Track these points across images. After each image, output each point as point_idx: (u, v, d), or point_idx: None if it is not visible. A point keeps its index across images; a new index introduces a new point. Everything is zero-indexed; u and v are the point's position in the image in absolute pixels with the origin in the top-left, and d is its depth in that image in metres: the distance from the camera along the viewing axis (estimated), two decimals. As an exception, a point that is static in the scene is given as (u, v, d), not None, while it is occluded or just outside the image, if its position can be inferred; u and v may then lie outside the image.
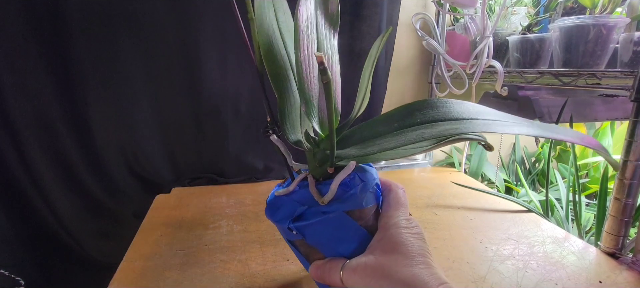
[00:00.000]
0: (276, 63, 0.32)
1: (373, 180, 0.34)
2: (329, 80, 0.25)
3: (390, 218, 0.33)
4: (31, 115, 0.74)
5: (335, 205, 0.32)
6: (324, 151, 0.33)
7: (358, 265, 0.31)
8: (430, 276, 0.28)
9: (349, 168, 0.32)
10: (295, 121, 0.34)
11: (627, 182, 0.53)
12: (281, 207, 0.34)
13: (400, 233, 0.31)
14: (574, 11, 0.77)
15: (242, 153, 0.89)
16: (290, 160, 0.38)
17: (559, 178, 0.92)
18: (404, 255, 0.29)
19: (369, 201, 0.33)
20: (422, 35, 0.86)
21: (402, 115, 0.30)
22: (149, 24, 0.75)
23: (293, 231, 0.33)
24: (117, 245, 0.64)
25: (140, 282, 0.50)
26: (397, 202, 0.34)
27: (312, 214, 0.32)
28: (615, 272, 0.52)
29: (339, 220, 0.32)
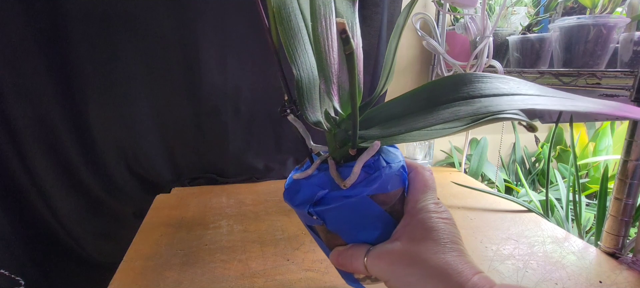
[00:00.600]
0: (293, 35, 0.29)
1: (399, 162, 0.32)
2: (352, 50, 0.23)
3: (418, 202, 0.30)
4: (31, 116, 0.74)
5: (358, 189, 0.29)
6: (345, 132, 0.31)
7: (384, 251, 0.29)
8: (464, 264, 0.26)
9: (373, 149, 0.30)
10: (314, 100, 0.30)
11: (627, 182, 0.53)
12: (300, 191, 0.32)
13: (429, 218, 0.29)
14: (574, 11, 0.77)
15: (242, 153, 0.89)
16: (309, 142, 0.35)
17: (559, 178, 0.92)
18: (435, 241, 0.27)
19: (394, 184, 0.31)
20: (422, 35, 0.86)
21: (432, 92, 0.27)
22: (149, 24, 0.75)
23: (313, 216, 0.31)
24: (117, 245, 0.64)
25: (141, 282, 0.50)
26: (424, 184, 0.32)
27: (334, 198, 0.30)
28: (615, 272, 0.52)
29: (362, 204, 0.30)
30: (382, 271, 0.29)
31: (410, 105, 0.28)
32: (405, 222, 0.30)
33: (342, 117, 0.32)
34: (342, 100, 0.31)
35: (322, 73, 0.28)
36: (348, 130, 0.31)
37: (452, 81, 0.26)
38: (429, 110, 0.26)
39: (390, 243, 0.30)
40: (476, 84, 0.25)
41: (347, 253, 0.32)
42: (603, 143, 1.08)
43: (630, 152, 0.52)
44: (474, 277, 0.25)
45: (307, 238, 0.61)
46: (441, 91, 0.27)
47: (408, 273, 0.27)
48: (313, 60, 0.29)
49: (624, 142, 0.53)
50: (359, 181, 0.30)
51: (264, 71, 0.85)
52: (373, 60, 0.90)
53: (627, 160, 0.53)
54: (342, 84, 0.30)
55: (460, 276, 0.25)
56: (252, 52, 0.83)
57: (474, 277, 0.25)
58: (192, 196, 0.81)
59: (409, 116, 0.28)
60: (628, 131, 0.52)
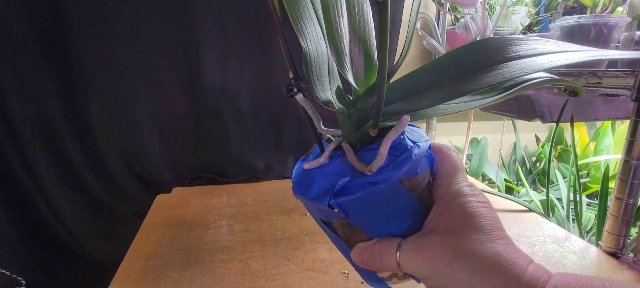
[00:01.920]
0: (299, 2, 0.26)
1: (425, 142, 0.28)
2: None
3: (450, 186, 0.27)
4: (32, 116, 0.74)
5: (386, 174, 0.25)
6: (361, 111, 0.27)
7: (421, 244, 0.26)
8: (515, 253, 0.23)
9: (401, 125, 0.26)
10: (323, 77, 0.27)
11: (628, 182, 0.53)
12: (314, 182, 0.28)
13: (466, 202, 0.25)
14: (574, 11, 0.76)
15: (242, 153, 0.89)
16: (319, 125, 0.31)
17: (560, 178, 0.92)
18: (479, 229, 0.24)
19: (423, 167, 0.27)
20: (422, 34, 0.86)
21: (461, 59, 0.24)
22: (149, 24, 0.75)
23: (334, 209, 0.27)
24: (118, 245, 0.64)
25: (141, 282, 0.50)
26: (453, 166, 0.28)
27: (357, 187, 0.26)
28: (616, 272, 0.52)
29: (391, 191, 0.26)
30: (421, 267, 0.25)
31: (436, 75, 0.25)
32: (440, 209, 0.27)
33: (358, 94, 0.28)
34: (356, 74, 0.27)
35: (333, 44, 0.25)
36: (366, 109, 0.27)
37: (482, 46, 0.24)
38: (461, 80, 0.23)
39: (427, 235, 0.26)
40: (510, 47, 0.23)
41: (374, 249, 0.28)
42: (604, 142, 1.08)
43: (631, 151, 0.52)
44: (529, 267, 0.22)
45: (307, 238, 0.61)
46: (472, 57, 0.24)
47: (453, 268, 0.24)
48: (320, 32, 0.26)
49: (625, 142, 0.53)
50: (384, 165, 0.26)
51: (264, 71, 0.85)
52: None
53: (628, 159, 0.53)
54: (354, 58, 0.26)
55: (515, 267, 0.22)
56: (252, 52, 0.83)
57: (529, 266, 0.22)
58: (193, 196, 0.81)
59: (435, 89, 0.24)
60: (629, 130, 0.52)
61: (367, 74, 0.27)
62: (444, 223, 0.26)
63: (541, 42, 0.23)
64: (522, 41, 0.23)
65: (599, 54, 0.22)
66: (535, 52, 0.22)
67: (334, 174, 0.27)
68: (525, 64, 0.21)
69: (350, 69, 0.26)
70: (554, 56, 0.22)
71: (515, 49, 0.23)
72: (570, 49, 0.23)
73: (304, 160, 0.31)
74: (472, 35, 0.80)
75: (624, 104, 0.82)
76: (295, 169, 0.31)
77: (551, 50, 0.22)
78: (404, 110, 0.26)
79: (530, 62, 0.21)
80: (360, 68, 0.27)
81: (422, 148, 0.27)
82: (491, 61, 0.22)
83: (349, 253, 0.30)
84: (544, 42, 0.23)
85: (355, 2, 0.26)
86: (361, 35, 0.26)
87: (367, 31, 0.26)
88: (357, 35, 0.26)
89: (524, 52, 0.22)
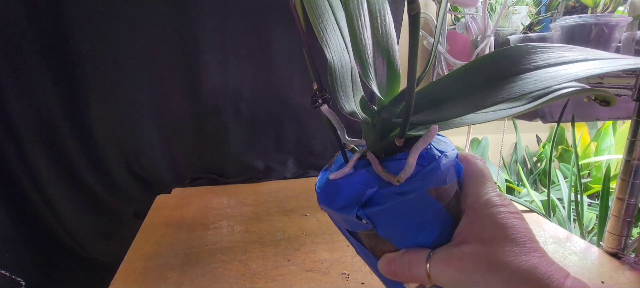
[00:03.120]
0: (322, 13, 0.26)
1: (453, 151, 0.28)
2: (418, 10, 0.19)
3: (479, 196, 0.26)
4: (32, 116, 0.74)
5: (414, 183, 0.25)
6: (386, 120, 0.27)
7: (453, 255, 0.25)
8: (551, 266, 0.22)
9: (430, 135, 0.26)
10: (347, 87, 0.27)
11: (630, 182, 0.53)
12: (341, 192, 0.28)
13: (498, 212, 0.25)
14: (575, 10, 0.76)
15: (242, 153, 0.89)
16: (343, 136, 0.31)
17: (561, 178, 0.92)
18: (513, 241, 0.23)
19: (451, 177, 0.27)
20: (423, 34, 0.86)
21: (485, 68, 0.24)
22: (149, 24, 0.75)
23: (362, 220, 0.26)
24: (118, 246, 0.64)
25: (141, 283, 0.50)
26: (481, 175, 0.28)
27: (385, 197, 0.26)
28: (617, 272, 0.52)
29: (421, 201, 0.26)
30: (453, 279, 0.25)
31: (462, 84, 0.25)
32: (470, 219, 0.26)
33: (383, 104, 0.28)
34: (380, 84, 0.27)
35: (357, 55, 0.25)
36: (390, 118, 0.27)
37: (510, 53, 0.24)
38: (489, 88, 0.22)
39: (458, 246, 0.25)
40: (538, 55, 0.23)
41: (402, 260, 0.27)
42: (605, 142, 1.08)
43: (633, 151, 0.52)
44: (567, 282, 0.22)
45: (307, 238, 0.61)
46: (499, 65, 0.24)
47: (487, 280, 0.23)
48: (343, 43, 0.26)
49: (626, 142, 0.53)
50: (412, 175, 0.25)
51: (264, 71, 0.84)
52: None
53: (629, 159, 0.52)
54: (378, 68, 0.27)
55: (552, 281, 0.22)
56: (252, 52, 0.83)
57: (567, 280, 0.22)
58: (193, 196, 0.81)
59: (463, 97, 0.24)
60: (630, 130, 0.52)
61: (391, 83, 0.27)
62: (476, 234, 0.25)
63: (569, 49, 0.23)
64: (551, 49, 0.23)
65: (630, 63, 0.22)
66: (565, 60, 0.22)
67: (359, 184, 0.27)
68: (556, 73, 0.21)
69: (374, 79, 0.26)
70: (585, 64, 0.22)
71: (544, 56, 0.22)
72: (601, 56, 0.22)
73: (327, 170, 0.31)
74: (472, 35, 0.80)
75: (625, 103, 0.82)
76: (318, 179, 0.31)
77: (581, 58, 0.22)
78: (430, 119, 0.25)
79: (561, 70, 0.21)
80: (384, 78, 0.27)
81: (450, 157, 0.27)
82: (519, 69, 0.22)
83: (375, 263, 0.30)
84: (572, 50, 0.23)
85: (377, 14, 0.26)
86: (384, 45, 0.26)
87: (390, 42, 0.27)
88: (380, 46, 0.27)
89: (553, 60, 0.22)
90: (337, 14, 0.26)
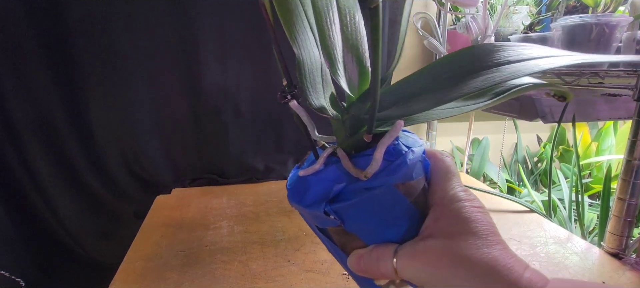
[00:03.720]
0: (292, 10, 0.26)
1: (420, 146, 0.28)
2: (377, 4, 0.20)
3: (446, 190, 0.27)
4: (32, 117, 0.74)
5: (381, 179, 0.26)
6: (355, 117, 0.28)
7: (418, 250, 0.25)
8: (512, 258, 0.23)
9: (396, 130, 0.26)
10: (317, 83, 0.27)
11: (631, 182, 0.52)
12: (310, 189, 0.28)
13: (462, 207, 0.25)
14: (576, 10, 0.76)
15: (242, 153, 0.89)
16: (313, 132, 0.31)
17: (562, 178, 0.92)
18: (476, 234, 0.24)
19: (418, 172, 0.27)
20: (423, 34, 0.86)
21: (450, 65, 0.25)
22: (149, 24, 0.75)
23: (330, 216, 0.27)
24: (118, 246, 0.64)
25: (141, 283, 0.50)
26: (447, 171, 0.28)
27: (353, 192, 0.26)
28: (618, 273, 0.52)
29: (388, 196, 0.26)
30: (418, 272, 0.25)
31: (429, 80, 0.25)
32: (436, 214, 0.27)
33: (351, 100, 0.28)
34: (350, 81, 0.27)
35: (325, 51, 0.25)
36: (359, 115, 0.28)
37: (474, 51, 0.25)
38: (453, 84, 0.23)
39: (423, 240, 0.26)
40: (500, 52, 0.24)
41: (371, 256, 0.28)
42: (606, 142, 1.08)
43: (634, 151, 0.52)
44: (525, 273, 0.23)
45: (307, 239, 0.61)
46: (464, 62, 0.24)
47: (451, 274, 0.24)
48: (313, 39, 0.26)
49: (627, 142, 0.53)
50: (379, 170, 0.26)
51: (264, 71, 0.84)
52: (374, 61, 0.90)
53: (630, 159, 0.52)
54: (347, 65, 0.27)
55: (511, 272, 0.22)
56: (252, 52, 0.82)
57: (526, 272, 0.23)
58: (193, 197, 0.81)
59: (429, 93, 0.25)
60: (631, 130, 0.52)
61: (361, 80, 0.27)
62: (441, 228, 0.26)
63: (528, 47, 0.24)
64: (510, 47, 0.24)
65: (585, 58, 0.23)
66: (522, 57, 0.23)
67: (329, 180, 0.27)
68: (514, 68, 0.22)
69: (343, 75, 0.26)
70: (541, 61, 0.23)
71: (504, 54, 0.23)
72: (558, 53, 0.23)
73: (299, 168, 0.31)
74: (473, 35, 0.80)
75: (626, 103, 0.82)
76: (289, 177, 0.31)
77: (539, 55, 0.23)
78: (397, 115, 0.26)
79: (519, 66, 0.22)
80: (354, 74, 0.27)
81: (417, 153, 0.27)
82: (482, 66, 0.23)
83: (345, 260, 0.30)
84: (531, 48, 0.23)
85: (346, 11, 0.26)
86: (353, 42, 0.27)
87: (358, 39, 0.27)
88: (350, 43, 0.27)
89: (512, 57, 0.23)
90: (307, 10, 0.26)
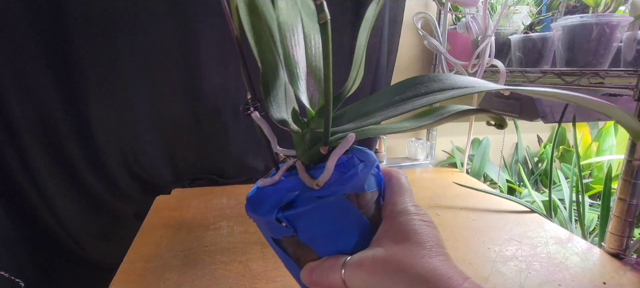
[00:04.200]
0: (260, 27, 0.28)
1: (374, 161, 0.30)
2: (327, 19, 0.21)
3: (397, 204, 0.29)
4: (32, 117, 0.74)
5: (334, 188, 0.27)
6: (314, 130, 0.30)
7: (364, 259, 0.26)
8: (452, 269, 0.24)
9: (348, 142, 0.27)
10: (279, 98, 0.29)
11: (631, 182, 0.52)
12: (266, 200, 0.29)
13: (410, 220, 0.27)
14: (576, 10, 0.76)
15: (242, 153, 0.89)
16: (274, 145, 0.33)
17: (562, 179, 0.92)
18: (419, 244, 0.25)
19: (370, 185, 0.29)
20: (423, 34, 0.86)
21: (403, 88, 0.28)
22: (149, 24, 0.75)
23: (282, 223, 0.27)
24: (118, 247, 0.64)
25: (141, 284, 0.50)
26: (400, 187, 0.30)
27: (306, 201, 0.27)
28: (619, 273, 0.52)
29: (339, 205, 0.27)
30: (364, 282, 0.26)
31: (382, 101, 0.28)
32: (385, 226, 0.28)
33: (311, 115, 0.30)
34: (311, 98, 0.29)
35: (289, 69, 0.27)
36: (318, 129, 0.29)
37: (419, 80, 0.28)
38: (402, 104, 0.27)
39: (371, 249, 0.27)
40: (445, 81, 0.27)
41: (322, 267, 0.28)
42: (606, 143, 1.08)
43: (635, 151, 0.52)
44: (464, 284, 0.23)
45: (307, 239, 0.61)
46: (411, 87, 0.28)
47: (394, 281, 0.25)
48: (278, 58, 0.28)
49: (628, 142, 0.53)
50: (333, 180, 0.27)
51: None
52: (374, 60, 0.89)
53: (631, 160, 0.52)
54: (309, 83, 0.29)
55: (450, 282, 0.23)
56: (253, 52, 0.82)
57: (465, 283, 0.23)
58: (193, 197, 0.80)
59: (382, 110, 0.28)
60: (632, 131, 0.52)
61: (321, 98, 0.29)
62: (389, 239, 0.27)
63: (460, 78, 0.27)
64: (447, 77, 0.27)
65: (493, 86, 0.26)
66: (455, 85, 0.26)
67: (285, 190, 0.28)
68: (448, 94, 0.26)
69: (304, 92, 0.28)
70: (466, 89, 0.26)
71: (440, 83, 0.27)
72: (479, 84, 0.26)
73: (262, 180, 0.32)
74: (473, 35, 0.80)
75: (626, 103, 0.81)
76: (251, 190, 0.32)
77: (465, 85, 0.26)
78: (352, 128, 0.28)
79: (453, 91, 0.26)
80: (315, 92, 0.29)
81: (369, 167, 0.28)
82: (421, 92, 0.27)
83: (298, 274, 0.30)
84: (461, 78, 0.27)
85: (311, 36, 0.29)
86: (316, 63, 0.29)
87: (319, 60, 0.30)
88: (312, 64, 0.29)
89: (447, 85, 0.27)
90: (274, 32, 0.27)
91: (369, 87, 0.92)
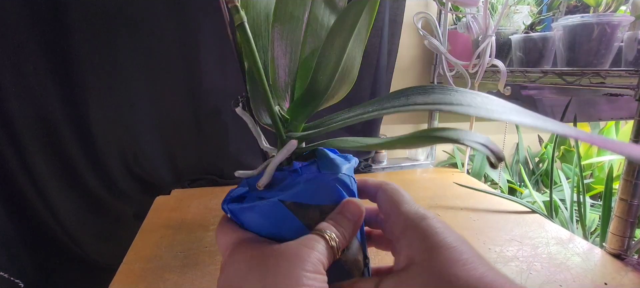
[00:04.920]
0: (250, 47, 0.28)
1: (336, 173, 0.29)
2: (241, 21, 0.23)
3: (408, 214, 0.27)
4: (32, 117, 0.74)
5: (273, 193, 0.27)
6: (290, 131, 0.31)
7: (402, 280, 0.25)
8: (497, 275, 0.23)
9: (287, 149, 0.28)
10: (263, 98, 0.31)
11: (633, 182, 0.52)
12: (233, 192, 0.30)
13: (433, 226, 0.25)
14: (577, 10, 0.76)
15: (242, 154, 0.89)
16: (260, 142, 0.35)
17: (563, 179, 0.91)
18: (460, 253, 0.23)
19: (320, 199, 0.28)
20: (423, 34, 0.86)
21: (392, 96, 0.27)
22: (149, 24, 0.75)
23: (227, 214, 0.29)
24: (117, 247, 0.64)
25: (140, 284, 0.50)
26: (400, 193, 0.28)
27: (251, 199, 0.28)
28: (620, 274, 0.51)
29: (274, 210, 0.27)
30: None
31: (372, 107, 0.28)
32: (408, 240, 0.26)
33: (287, 120, 0.32)
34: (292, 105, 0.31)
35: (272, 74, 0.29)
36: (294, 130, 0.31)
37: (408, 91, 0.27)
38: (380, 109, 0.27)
39: (405, 270, 0.25)
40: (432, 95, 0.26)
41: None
42: (607, 143, 1.07)
43: (636, 152, 0.51)
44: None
45: (308, 239, 0.61)
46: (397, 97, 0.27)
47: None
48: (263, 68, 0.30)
49: (629, 142, 0.53)
50: (275, 185, 0.28)
51: None
52: (375, 61, 0.89)
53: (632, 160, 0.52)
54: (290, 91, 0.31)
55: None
56: None
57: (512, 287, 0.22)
58: (192, 197, 0.80)
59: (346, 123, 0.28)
60: (633, 131, 0.52)
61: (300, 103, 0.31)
62: (419, 252, 0.25)
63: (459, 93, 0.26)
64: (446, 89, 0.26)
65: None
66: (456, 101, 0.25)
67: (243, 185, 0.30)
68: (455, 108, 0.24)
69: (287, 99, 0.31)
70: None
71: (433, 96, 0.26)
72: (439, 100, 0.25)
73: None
74: (473, 34, 0.80)
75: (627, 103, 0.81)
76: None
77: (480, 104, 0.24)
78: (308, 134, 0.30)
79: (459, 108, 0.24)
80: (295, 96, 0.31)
81: (322, 180, 0.28)
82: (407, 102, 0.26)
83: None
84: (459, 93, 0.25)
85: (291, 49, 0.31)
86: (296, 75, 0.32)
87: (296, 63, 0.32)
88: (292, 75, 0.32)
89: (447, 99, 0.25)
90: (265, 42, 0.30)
91: (369, 88, 0.92)
